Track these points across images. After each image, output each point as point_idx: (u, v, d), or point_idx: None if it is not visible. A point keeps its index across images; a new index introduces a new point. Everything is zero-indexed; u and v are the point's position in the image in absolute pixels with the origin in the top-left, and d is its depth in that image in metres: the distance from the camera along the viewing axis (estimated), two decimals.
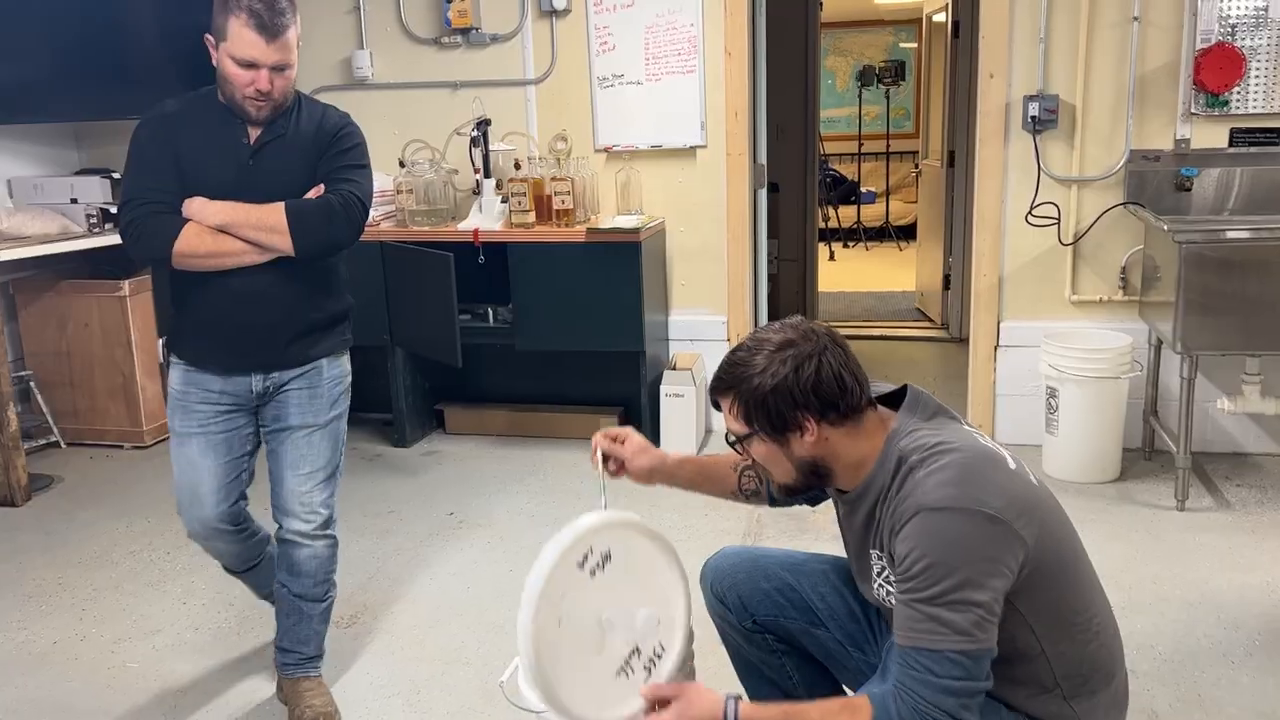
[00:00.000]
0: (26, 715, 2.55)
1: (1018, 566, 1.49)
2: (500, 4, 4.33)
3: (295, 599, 2.46)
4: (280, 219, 2.21)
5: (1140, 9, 3.77)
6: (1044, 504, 1.59)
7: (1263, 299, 3.30)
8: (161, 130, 2.23)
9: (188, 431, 2.34)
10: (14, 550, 3.49)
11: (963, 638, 1.45)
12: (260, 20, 2.12)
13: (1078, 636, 1.60)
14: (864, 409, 1.63)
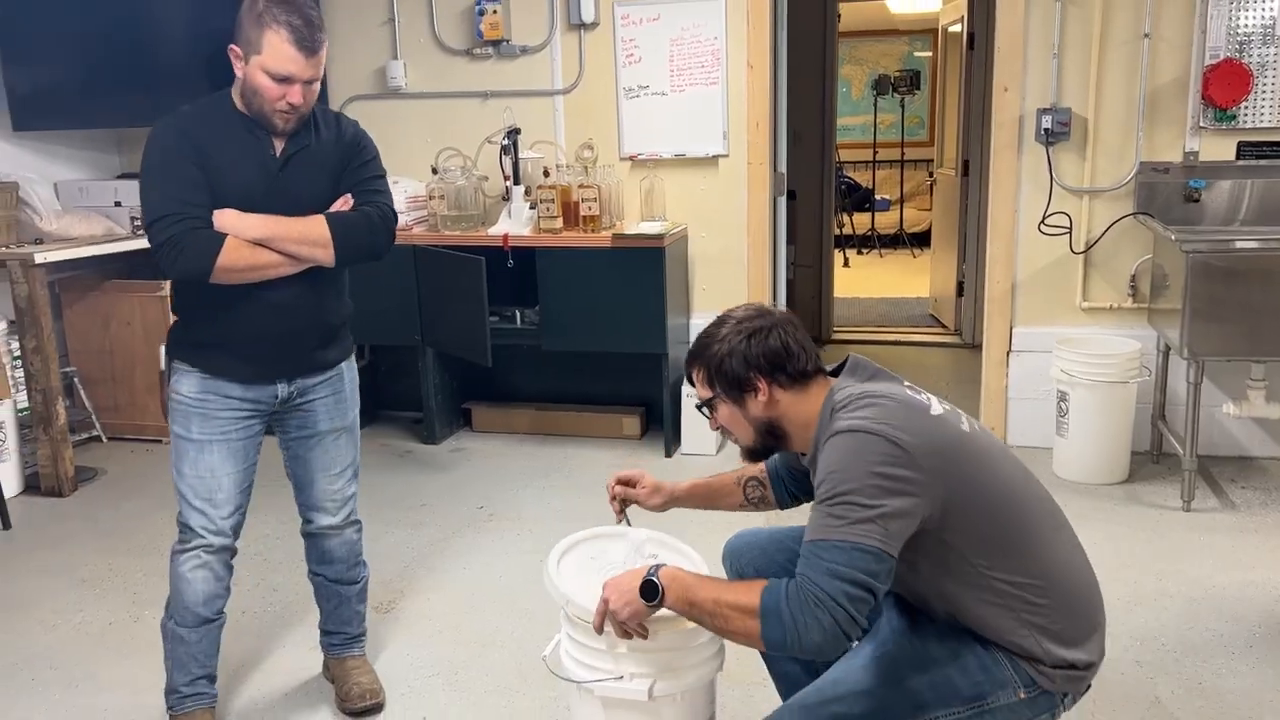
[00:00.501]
0: (87, 690, 2.71)
1: (928, 497, 1.62)
2: (530, 17, 4.48)
3: (332, 584, 2.60)
4: (323, 232, 2.25)
5: (1151, 26, 3.89)
6: (969, 450, 1.71)
7: (1267, 307, 3.42)
8: (185, 140, 2.20)
9: (208, 438, 2.32)
10: (65, 537, 3.65)
11: (853, 529, 1.58)
12: (300, 36, 2.14)
13: (1020, 568, 1.70)
14: (812, 375, 1.83)
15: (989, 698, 1.72)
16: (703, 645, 1.93)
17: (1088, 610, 1.78)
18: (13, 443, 4.05)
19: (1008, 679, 1.72)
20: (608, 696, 1.91)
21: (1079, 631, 1.75)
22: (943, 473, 1.65)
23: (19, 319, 3.97)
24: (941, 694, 1.73)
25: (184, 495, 2.33)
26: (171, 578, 2.38)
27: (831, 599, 1.56)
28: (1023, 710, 1.73)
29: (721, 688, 2.60)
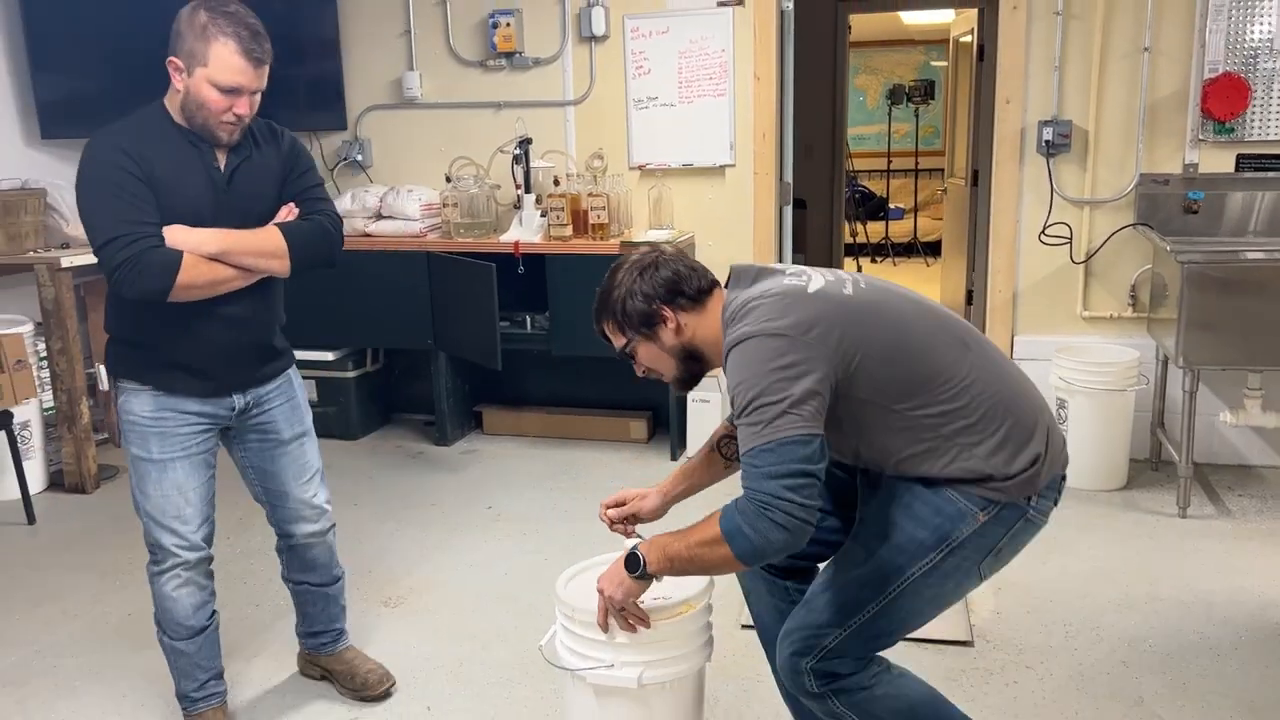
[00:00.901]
0: (108, 679, 2.82)
1: (825, 365, 1.72)
2: (543, 29, 4.59)
3: (318, 588, 2.65)
4: (279, 243, 2.27)
5: (1151, 40, 3.96)
6: (853, 310, 1.81)
7: (1261, 317, 3.47)
8: (128, 157, 2.13)
9: (169, 457, 2.29)
10: (87, 532, 3.77)
11: (771, 428, 1.67)
12: (248, 47, 2.14)
13: (939, 397, 1.79)
14: (709, 291, 1.92)
15: (952, 535, 1.80)
16: (691, 635, 2.01)
17: (1020, 412, 1.84)
18: (38, 441, 4.18)
19: (961, 510, 1.80)
20: (599, 684, 1.99)
21: (1019, 435, 1.81)
22: (830, 340, 1.74)
23: (45, 321, 4.10)
24: (910, 552, 1.82)
25: (151, 516, 2.32)
26: (155, 597, 2.40)
27: (775, 497, 1.66)
28: (992, 529, 1.81)
29: (717, 682, 2.70)
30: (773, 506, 1.66)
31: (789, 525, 1.66)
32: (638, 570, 1.85)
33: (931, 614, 1.92)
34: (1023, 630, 2.93)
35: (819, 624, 1.87)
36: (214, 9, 2.14)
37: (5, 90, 4.52)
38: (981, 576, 1.88)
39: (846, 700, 1.89)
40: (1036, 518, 1.86)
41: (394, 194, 4.62)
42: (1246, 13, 3.86)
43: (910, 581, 1.83)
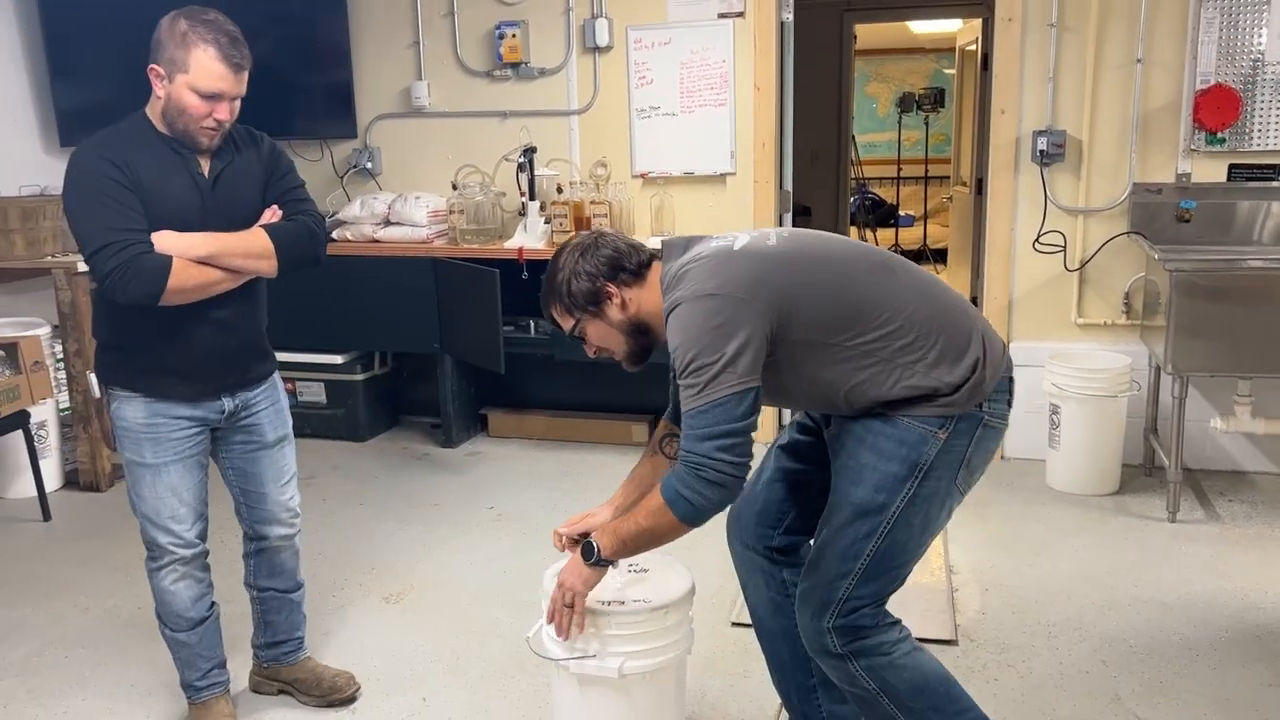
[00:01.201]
0: (117, 668, 2.92)
1: (757, 318, 1.82)
2: (548, 40, 4.69)
3: (283, 595, 2.68)
4: (266, 244, 2.32)
5: (1143, 51, 4.02)
6: (777, 260, 1.90)
7: (1248, 324, 3.53)
8: (117, 167, 2.18)
9: (163, 461, 2.35)
10: (101, 529, 3.88)
11: (708, 389, 1.78)
12: (228, 53, 2.18)
13: (873, 324, 1.89)
14: (648, 265, 2.00)
15: (920, 460, 1.90)
16: (670, 628, 2.09)
17: (951, 324, 1.93)
18: (54, 440, 4.30)
19: (922, 434, 1.89)
20: (582, 674, 2.08)
21: (954, 346, 1.91)
22: (761, 292, 1.84)
23: (62, 324, 4.22)
24: (888, 488, 1.91)
25: (147, 517, 2.39)
26: (155, 592, 2.48)
27: (707, 458, 1.79)
28: (955, 443, 1.90)
29: (705, 676, 2.78)
30: (705, 467, 1.79)
31: (722, 482, 1.80)
32: (593, 558, 1.95)
33: (927, 540, 2.00)
34: (1006, 630, 3.00)
35: (827, 580, 1.96)
36: (193, 17, 2.19)
37: (25, 99, 4.65)
38: (961, 492, 1.98)
39: (866, 664, 1.97)
40: (994, 422, 1.95)
41: (402, 201, 4.72)
42: (1238, 25, 3.92)
43: (897, 514, 1.92)
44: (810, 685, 2.31)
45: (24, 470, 4.08)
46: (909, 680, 1.98)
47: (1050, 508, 3.87)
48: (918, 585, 3.27)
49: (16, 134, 4.61)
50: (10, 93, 4.59)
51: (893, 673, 1.97)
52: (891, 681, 1.97)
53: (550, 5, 4.65)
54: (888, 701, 1.99)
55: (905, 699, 1.98)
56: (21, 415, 3.94)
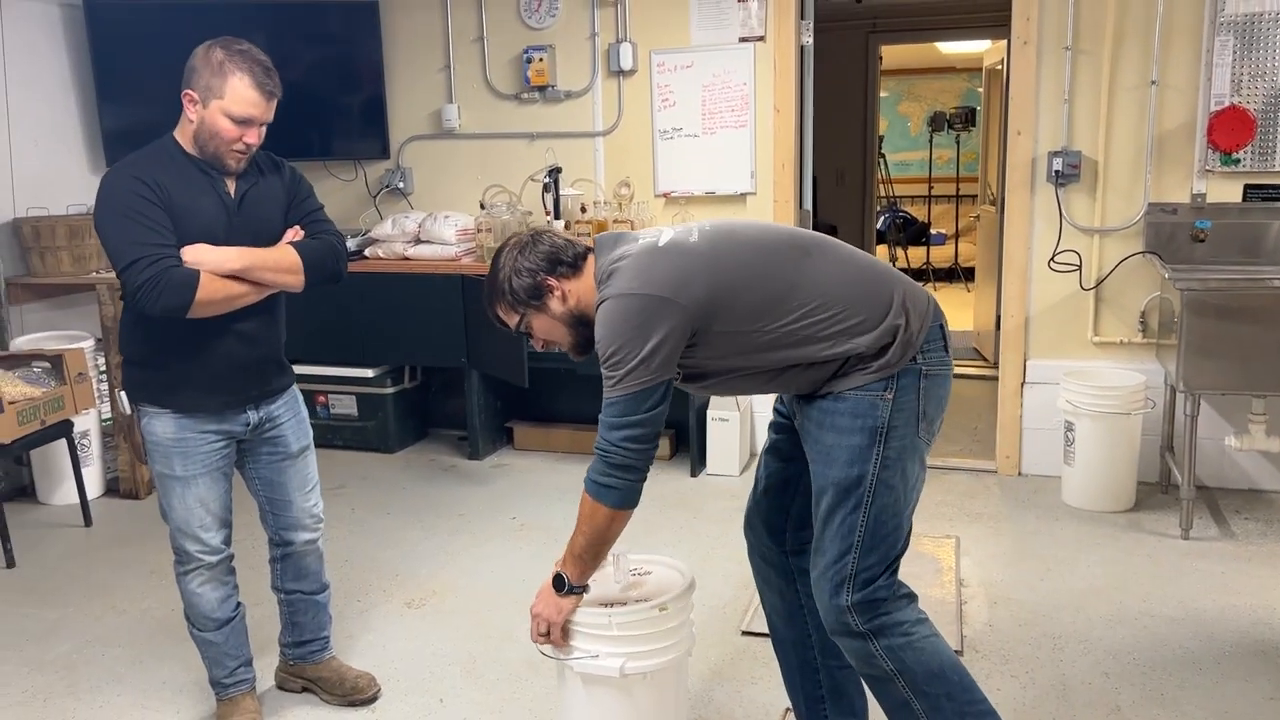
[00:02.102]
0: (151, 666, 3.05)
1: (683, 321, 1.94)
2: (574, 64, 4.82)
3: (309, 596, 2.80)
4: (295, 260, 2.45)
5: (1158, 74, 4.07)
6: (696, 255, 2.00)
7: (1260, 343, 3.56)
8: (148, 186, 2.29)
9: (192, 474, 2.46)
10: (139, 535, 4.04)
11: (624, 382, 1.93)
12: (261, 81, 2.32)
13: (793, 307, 1.99)
14: (584, 258, 2.10)
15: (877, 424, 2.00)
16: (671, 630, 2.18)
17: (871, 297, 2.02)
18: (96, 450, 4.47)
19: (872, 401, 2.00)
20: (586, 674, 2.17)
21: (877, 309, 2.01)
22: (679, 291, 1.94)
23: (105, 337, 4.39)
24: (859, 459, 2.00)
25: (175, 525, 2.52)
26: (183, 594, 2.61)
27: (616, 446, 1.97)
28: (904, 399, 2.01)
29: (712, 682, 2.87)
30: (613, 453, 1.98)
31: (630, 465, 1.99)
32: (565, 587, 2.09)
33: (913, 495, 2.09)
34: (1012, 642, 3.04)
35: (833, 559, 2.04)
36: (228, 47, 2.32)
37: (73, 120, 4.86)
38: (925, 442, 2.08)
39: (886, 644, 2.04)
40: (933, 370, 2.04)
41: (432, 220, 4.86)
42: (1252, 47, 3.96)
43: (875, 481, 2.01)
44: (819, 695, 2.39)
45: (67, 478, 4.25)
46: (926, 664, 2.04)
47: (1064, 524, 3.91)
48: (927, 597, 3.31)
49: (65, 154, 4.82)
50: (59, 115, 4.79)
51: (911, 654, 2.04)
52: (909, 663, 2.04)
53: (576, 30, 4.78)
54: (903, 684, 2.05)
55: (921, 682, 2.04)
56: (65, 425, 4.11)
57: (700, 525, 3.98)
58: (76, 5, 4.75)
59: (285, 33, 5.02)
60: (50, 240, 4.39)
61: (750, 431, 4.75)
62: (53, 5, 4.73)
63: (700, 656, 2.92)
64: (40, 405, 3.95)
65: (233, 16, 4.89)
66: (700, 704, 2.76)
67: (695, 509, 4.17)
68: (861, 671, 2.12)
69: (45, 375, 4.11)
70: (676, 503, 4.24)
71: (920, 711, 2.05)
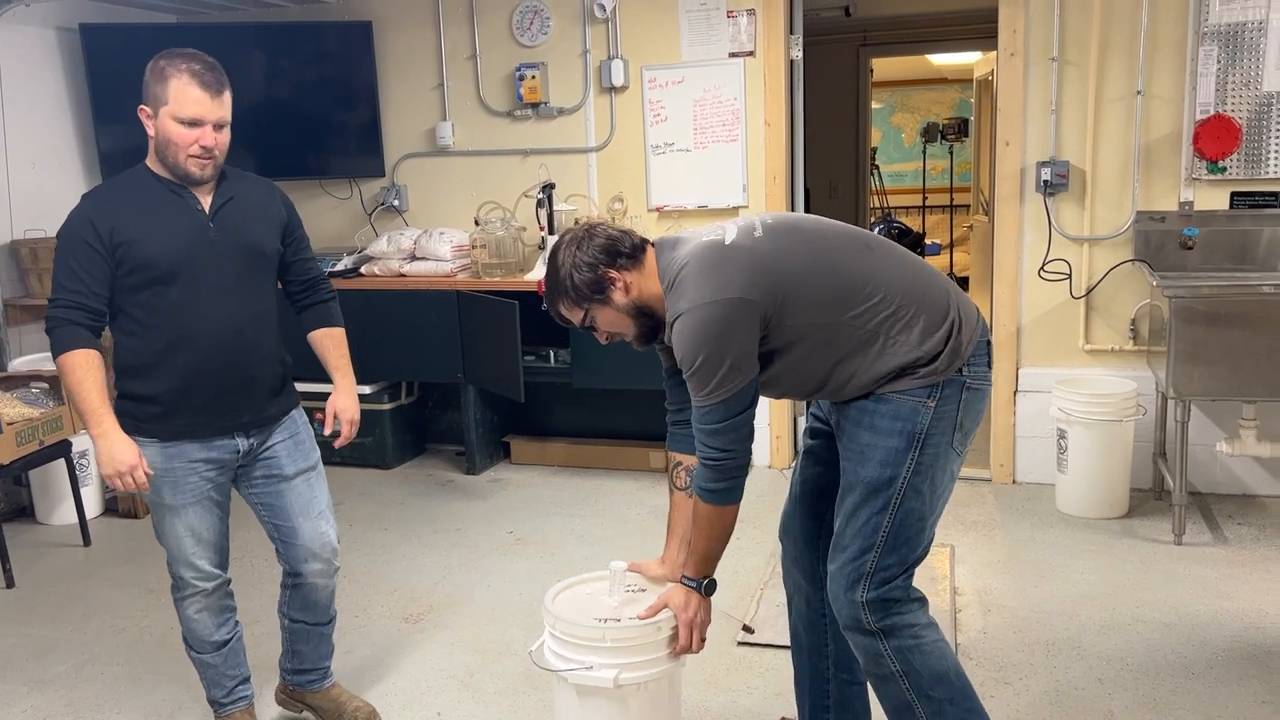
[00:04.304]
0: (149, 684, 3.07)
1: (758, 316, 1.97)
2: (566, 81, 4.86)
3: (314, 628, 2.74)
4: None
5: (1143, 84, 4.11)
6: (764, 252, 2.02)
7: (1249, 349, 3.59)
8: (94, 228, 2.28)
9: (180, 504, 2.42)
10: (138, 554, 4.05)
11: (713, 390, 1.96)
12: (203, 78, 2.28)
13: (860, 300, 2.02)
14: (643, 249, 2.11)
15: (916, 430, 2.03)
16: (664, 641, 2.20)
17: (928, 297, 2.05)
18: (94, 469, 4.49)
19: (913, 406, 2.03)
20: (580, 684, 2.18)
21: (932, 316, 2.04)
22: (751, 291, 1.97)
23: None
24: (892, 461, 2.04)
25: (169, 551, 2.51)
26: (180, 619, 2.59)
27: (722, 452, 2.01)
28: (945, 409, 2.04)
29: (708, 693, 2.88)
30: (714, 458, 2.01)
31: (739, 463, 2.03)
32: (704, 586, 2.13)
33: (939, 503, 2.12)
34: (1006, 649, 3.06)
35: (853, 555, 2.08)
36: (168, 54, 2.32)
37: (70, 142, 4.90)
38: (958, 454, 2.11)
39: (895, 645, 2.07)
40: (975, 384, 2.08)
41: (427, 236, 4.90)
42: (1236, 56, 4.00)
43: (905, 485, 2.04)
44: (825, 705, 2.41)
45: (66, 498, 4.27)
46: (932, 668, 2.08)
47: (1058, 531, 3.93)
48: None
49: (62, 176, 4.86)
50: (56, 138, 4.84)
51: (919, 658, 2.07)
52: (916, 666, 2.07)
53: (568, 47, 4.83)
54: (907, 685, 2.08)
55: (926, 686, 2.07)
56: (64, 445, 4.13)
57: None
58: (72, 29, 4.79)
59: (280, 53, 5.07)
60: (48, 262, 4.42)
61: None
62: (49, 29, 4.78)
63: (696, 667, 2.93)
64: (39, 426, 3.97)
65: (227, 37, 4.94)
66: (696, 715, 2.78)
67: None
68: (868, 670, 2.15)
69: (43, 396, 4.14)
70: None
71: (922, 715, 2.09)
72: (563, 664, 2.21)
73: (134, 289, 2.35)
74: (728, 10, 4.56)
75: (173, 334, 2.37)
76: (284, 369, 2.59)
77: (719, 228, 2.10)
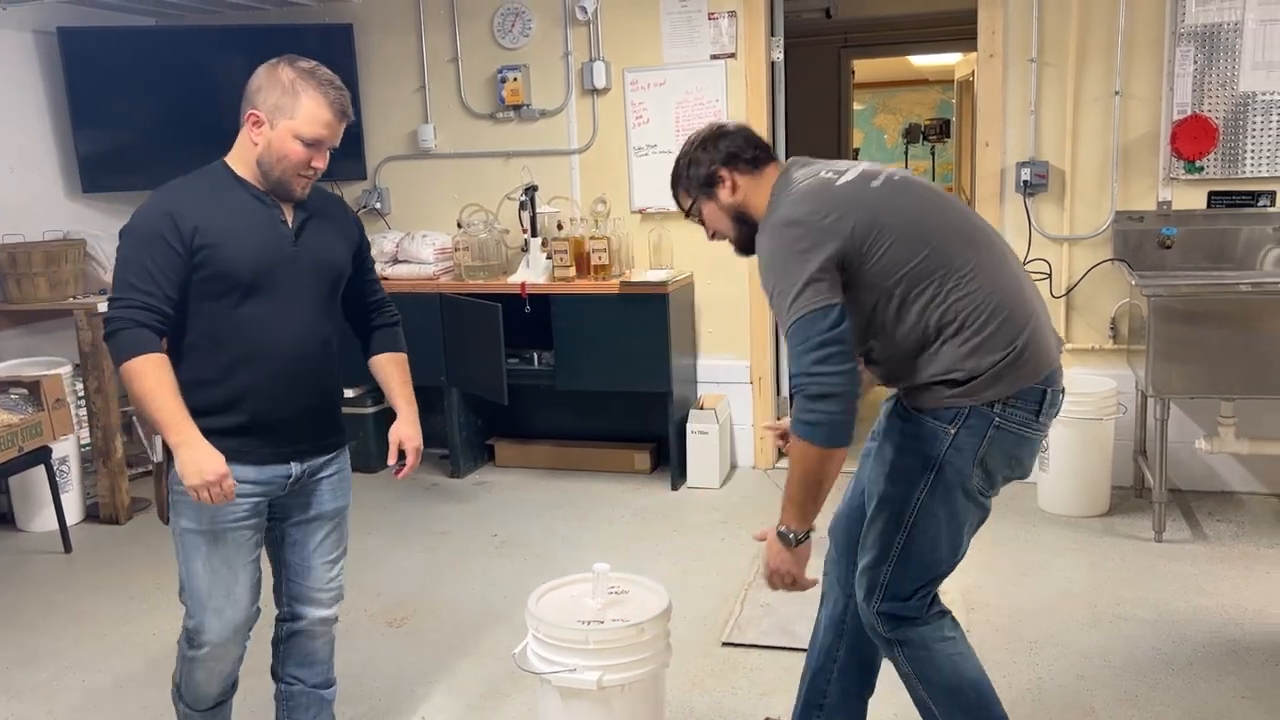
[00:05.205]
0: (131, 690, 3.05)
1: (837, 251, 1.94)
2: (548, 83, 4.86)
3: (313, 690, 2.47)
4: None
5: (1121, 84, 4.15)
6: (873, 198, 2.00)
7: (1227, 347, 3.62)
8: (173, 222, 2.09)
9: (223, 529, 2.18)
10: (119, 559, 4.03)
11: (794, 306, 1.92)
12: (336, 102, 2.14)
13: (936, 286, 1.97)
14: (765, 163, 2.14)
15: (932, 455, 2.01)
16: (647, 643, 2.20)
17: (1005, 317, 1.97)
18: (75, 475, 4.46)
19: (933, 429, 2.01)
20: (564, 687, 2.19)
21: (996, 339, 1.96)
22: (844, 225, 1.95)
23: (83, 362, 4.40)
24: (907, 479, 2.04)
25: (196, 595, 2.20)
26: (183, 675, 2.31)
27: (808, 375, 1.90)
28: (965, 440, 1.99)
29: (693, 694, 2.89)
30: (808, 386, 1.90)
31: (829, 392, 1.89)
32: (793, 539, 2.04)
33: (955, 537, 2.07)
34: (989, 646, 3.07)
35: (870, 563, 2.10)
36: (298, 66, 2.16)
37: (49, 146, 4.87)
38: (980, 493, 2.04)
39: (908, 653, 2.10)
40: (1008, 425, 1.99)
41: (409, 239, 4.89)
42: (1212, 57, 4.04)
43: (919, 506, 2.04)
44: (819, 704, 2.42)
45: (46, 504, 4.24)
46: (945, 679, 2.10)
47: (1040, 529, 3.96)
48: None
49: (41, 181, 4.83)
50: (35, 142, 4.80)
51: (931, 669, 2.10)
52: (928, 675, 2.10)
53: (550, 50, 4.83)
54: (922, 689, 2.12)
55: (938, 694, 2.11)
56: (44, 451, 4.10)
57: (681, 538, 4.01)
58: (50, 32, 4.77)
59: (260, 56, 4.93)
60: (27, 266, 4.39)
61: (730, 445, 4.78)
62: (26, 32, 4.75)
63: (680, 668, 2.94)
64: (18, 432, 3.95)
65: (208, 40, 4.91)
66: (679, 715, 2.78)
67: (676, 522, 4.20)
68: (892, 665, 2.19)
69: (23, 402, 4.11)
70: (657, 516, 4.26)
71: (937, 716, 2.13)
72: (546, 666, 2.21)
73: (206, 296, 2.14)
74: (709, 12, 4.57)
75: (240, 350, 2.16)
76: (340, 398, 2.44)
77: (847, 166, 2.09)
